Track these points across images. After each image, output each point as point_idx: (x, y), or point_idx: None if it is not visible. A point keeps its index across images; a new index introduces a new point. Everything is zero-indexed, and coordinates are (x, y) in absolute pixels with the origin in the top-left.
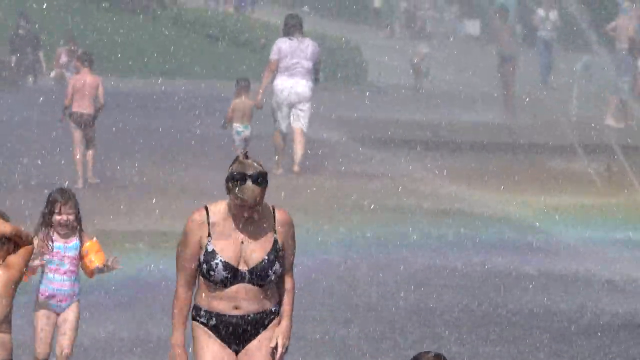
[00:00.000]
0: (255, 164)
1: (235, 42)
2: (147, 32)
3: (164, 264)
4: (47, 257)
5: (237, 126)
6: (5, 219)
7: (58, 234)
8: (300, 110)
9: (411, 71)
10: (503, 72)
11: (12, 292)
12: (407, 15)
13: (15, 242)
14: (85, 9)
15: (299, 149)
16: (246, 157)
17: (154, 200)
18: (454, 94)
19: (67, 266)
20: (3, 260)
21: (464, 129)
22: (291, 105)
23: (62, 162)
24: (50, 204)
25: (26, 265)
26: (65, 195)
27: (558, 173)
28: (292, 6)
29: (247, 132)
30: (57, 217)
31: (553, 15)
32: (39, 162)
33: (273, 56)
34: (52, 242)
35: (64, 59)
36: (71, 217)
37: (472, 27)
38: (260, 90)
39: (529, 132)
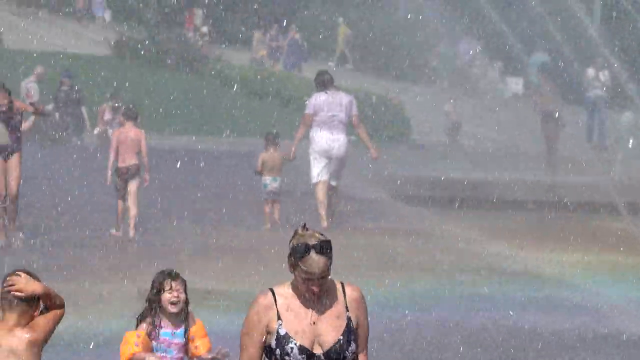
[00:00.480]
0: (317, 234)
1: (279, 99)
2: (191, 88)
3: (208, 322)
4: (153, 343)
5: (266, 179)
6: (35, 278)
7: (167, 319)
8: (336, 164)
9: (446, 126)
10: (546, 130)
11: (36, 355)
12: (452, 73)
13: (45, 303)
14: (129, 65)
15: (330, 204)
16: (305, 228)
17: (196, 258)
18: (496, 151)
19: (173, 353)
20: (30, 321)
21: (505, 186)
22: (328, 158)
23: (104, 217)
24: (158, 284)
25: (53, 329)
26: (173, 273)
27: (600, 231)
28: (337, 64)
29: (275, 185)
30: (167, 296)
31: (603, 75)
32: (80, 218)
33: (308, 110)
34: (160, 328)
35: (107, 115)
36: (182, 295)
37: (515, 84)
38: (294, 143)
39: (572, 190)
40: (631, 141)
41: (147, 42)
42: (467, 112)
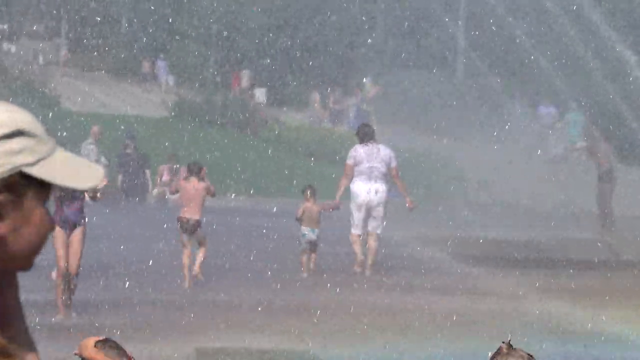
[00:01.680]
0: (522, 352)
1: (333, 159)
2: (248, 149)
3: None
4: None
5: (305, 229)
6: (119, 349)
7: None
8: (376, 213)
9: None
10: (600, 189)
11: None
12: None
13: None
14: (187, 127)
15: (371, 253)
16: (510, 346)
17: (255, 318)
18: (552, 210)
19: None
20: None
21: (561, 245)
22: (368, 209)
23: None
24: None
25: None
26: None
27: None
28: (391, 123)
29: (313, 236)
30: None
31: None
32: (145, 279)
33: (349, 161)
34: None
35: (166, 177)
36: None
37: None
38: (337, 194)
39: (629, 248)
40: None
41: (204, 104)
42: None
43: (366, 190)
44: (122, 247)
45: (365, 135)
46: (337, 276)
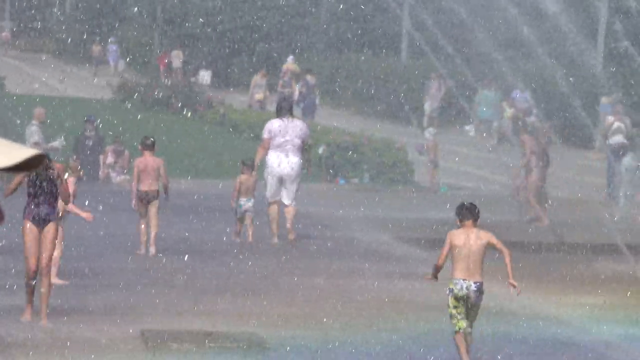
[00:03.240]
0: None
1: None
2: (193, 131)
3: None
4: None
5: (242, 200)
6: None
7: None
8: (290, 184)
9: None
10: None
11: None
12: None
13: None
14: (131, 109)
15: (290, 219)
16: None
17: (199, 300)
18: (495, 194)
19: None
20: None
21: (508, 229)
22: (281, 180)
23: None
24: None
25: None
26: None
27: (603, 273)
28: (337, 105)
29: (249, 205)
30: None
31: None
32: (94, 261)
33: (265, 135)
34: None
35: (110, 159)
36: None
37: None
38: (255, 165)
39: (571, 231)
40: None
41: (149, 86)
42: (465, 154)
43: (279, 162)
44: (75, 227)
45: (282, 109)
46: (286, 257)
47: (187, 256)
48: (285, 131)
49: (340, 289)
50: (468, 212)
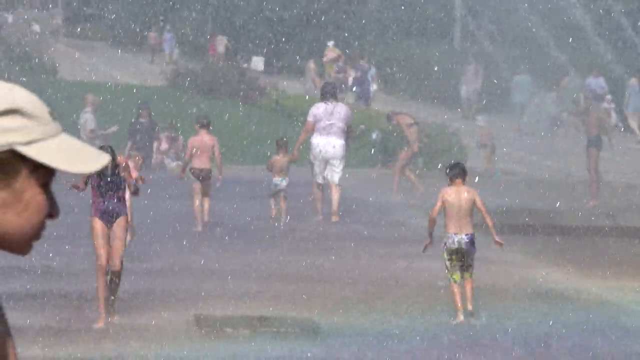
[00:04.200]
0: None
1: None
2: (247, 117)
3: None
4: None
5: (276, 179)
6: None
7: None
8: (335, 166)
9: (481, 151)
10: (589, 156)
11: None
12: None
13: None
14: (186, 96)
15: (335, 200)
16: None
17: (253, 284)
18: (549, 179)
19: None
20: None
21: (561, 213)
22: (326, 161)
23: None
24: None
25: None
26: None
27: None
28: (392, 91)
29: (283, 184)
30: None
31: None
32: (147, 246)
33: (309, 118)
34: None
35: (164, 145)
36: None
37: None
38: (296, 147)
39: (625, 215)
40: None
41: (203, 73)
42: (520, 139)
43: (324, 144)
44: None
45: (326, 93)
46: (330, 242)
47: (239, 241)
48: (330, 115)
49: (392, 273)
50: (459, 171)
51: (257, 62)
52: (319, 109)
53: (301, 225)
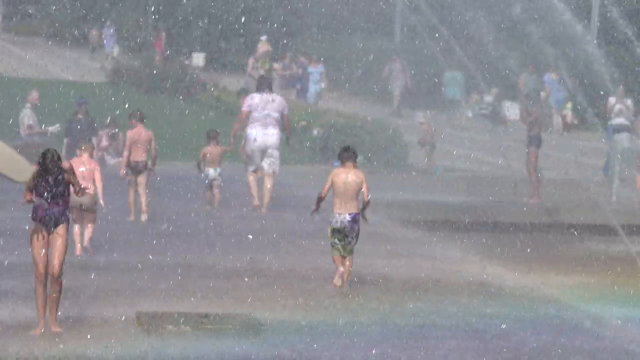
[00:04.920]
0: None
1: None
2: (187, 114)
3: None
4: None
5: (209, 170)
6: None
7: None
8: (272, 155)
9: (424, 147)
10: (528, 154)
11: None
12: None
13: None
14: (126, 92)
15: (267, 192)
16: None
17: (192, 282)
18: (490, 175)
19: None
20: None
21: (501, 210)
22: (262, 151)
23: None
24: None
25: None
26: None
27: (596, 253)
28: (346, 95)
29: (216, 174)
30: None
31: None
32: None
33: (244, 108)
34: None
35: (105, 142)
36: None
37: (512, 109)
38: (231, 135)
39: (568, 212)
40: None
41: (142, 69)
42: (461, 136)
43: (261, 134)
44: None
45: (261, 85)
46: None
47: (178, 237)
48: (265, 105)
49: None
50: (350, 155)
51: (198, 59)
52: (254, 99)
53: (238, 221)
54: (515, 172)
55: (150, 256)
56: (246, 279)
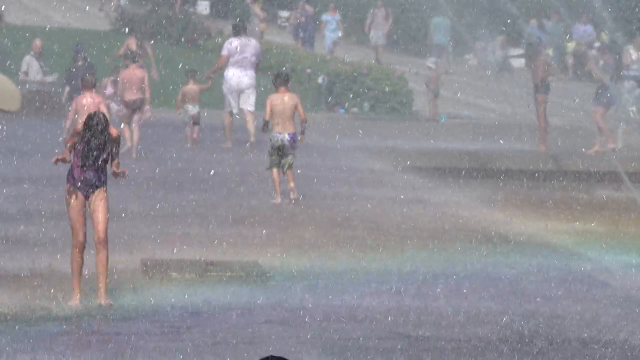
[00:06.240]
0: None
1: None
2: (192, 60)
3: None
4: None
5: (188, 107)
6: None
7: None
8: (248, 95)
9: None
10: (536, 102)
11: None
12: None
13: None
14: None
15: (250, 126)
16: None
17: (197, 228)
18: (495, 123)
19: None
20: None
21: (506, 157)
22: (240, 92)
23: None
24: None
25: None
26: None
27: (601, 200)
28: (352, 42)
29: (195, 111)
30: None
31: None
32: None
33: (224, 52)
34: None
35: (109, 90)
36: None
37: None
38: (210, 74)
39: (574, 160)
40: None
41: (147, 16)
42: (466, 83)
43: (239, 75)
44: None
45: (238, 29)
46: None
47: (182, 185)
48: (243, 49)
49: (340, 215)
50: (282, 80)
51: (203, 6)
52: (232, 43)
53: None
54: (522, 119)
55: (151, 204)
56: (246, 225)
